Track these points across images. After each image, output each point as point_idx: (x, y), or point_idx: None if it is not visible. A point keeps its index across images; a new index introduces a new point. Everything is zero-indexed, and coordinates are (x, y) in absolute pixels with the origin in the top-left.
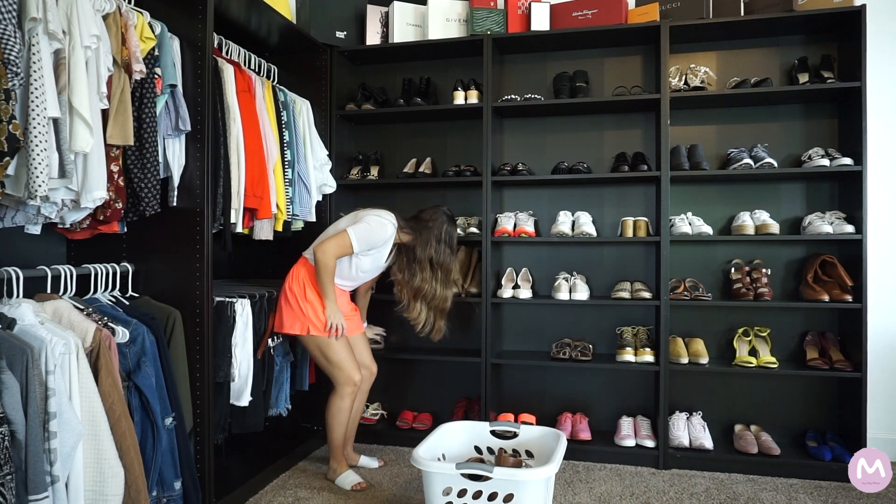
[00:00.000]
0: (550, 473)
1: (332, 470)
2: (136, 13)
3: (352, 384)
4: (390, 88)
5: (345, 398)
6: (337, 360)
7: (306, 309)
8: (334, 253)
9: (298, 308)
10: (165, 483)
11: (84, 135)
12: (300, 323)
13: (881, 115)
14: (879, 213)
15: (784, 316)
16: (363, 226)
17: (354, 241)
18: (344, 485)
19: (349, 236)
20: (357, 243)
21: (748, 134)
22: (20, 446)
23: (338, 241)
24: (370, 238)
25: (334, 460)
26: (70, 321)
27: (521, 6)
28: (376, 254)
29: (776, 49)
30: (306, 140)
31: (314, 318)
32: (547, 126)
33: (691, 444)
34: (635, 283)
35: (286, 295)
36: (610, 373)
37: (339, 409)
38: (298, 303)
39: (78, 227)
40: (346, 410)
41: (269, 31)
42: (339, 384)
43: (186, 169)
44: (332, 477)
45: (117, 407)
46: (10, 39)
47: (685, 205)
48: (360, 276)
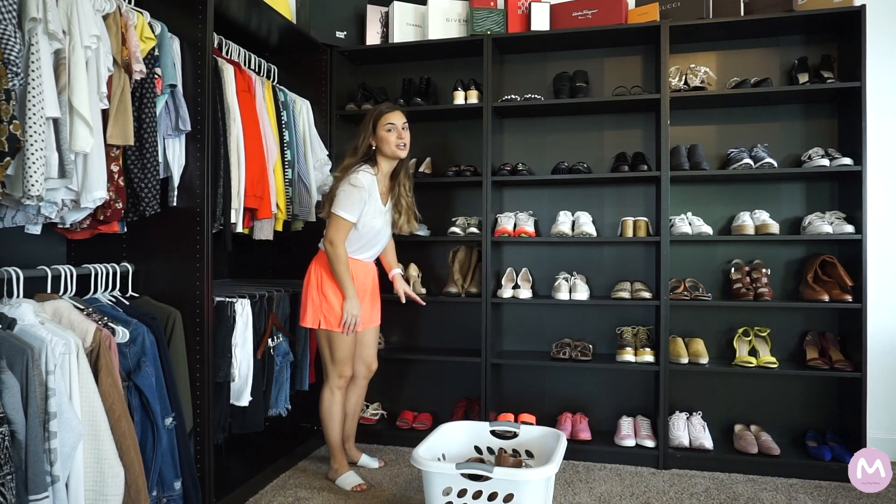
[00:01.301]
0: (550, 473)
1: (333, 470)
2: (136, 13)
3: (343, 378)
4: (390, 88)
5: (335, 392)
6: (339, 355)
7: (320, 302)
8: (339, 239)
9: (313, 300)
10: (165, 483)
11: (84, 135)
12: (313, 316)
13: (881, 115)
14: (879, 213)
15: (784, 316)
16: (341, 197)
17: (346, 214)
18: (344, 485)
19: (339, 216)
20: (348, 214)
21: (748, 134)
22: (20, 446)
23: (334, 227)
24: (352, 201)
25: (334, 460)
26: (70, 321)
27: (521, 6)
28: (374, 204)
29: (776, 49)
30: (306, 140)
31: (327, 312)
32: (547, 126)
33: (691, 444)
34: (635, 283)
35: (304, 288)
36: (610, 373)
37: (332, 403)
38: (314, 295)
39: (78, 227)
40: (338, 404)
41: (269, 31)
42: (331, 377)
43: (186, 169)
44: (333, 477)
45: (117, 407)
46: (11, 39)
47: (685, 205)
48: (377, 235)
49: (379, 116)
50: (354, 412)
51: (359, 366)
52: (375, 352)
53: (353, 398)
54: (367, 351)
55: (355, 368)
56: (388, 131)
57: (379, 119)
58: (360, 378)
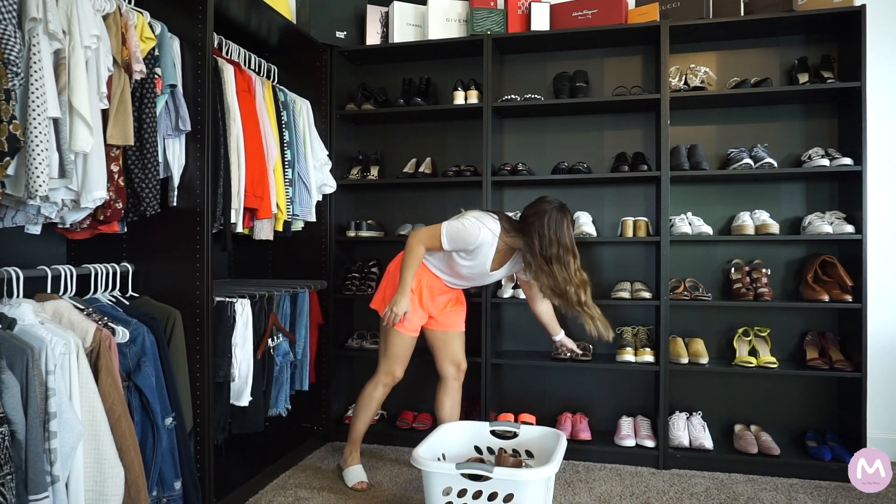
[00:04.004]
0: (550, 473)
1: (344, 459)
2: (136, 13)
3: (390, 377)
4: (390, 88)
5: (378, 387)
6: (393, 351)
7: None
8: (422, 238)
9: (385, 286)
10: (165, 483)
11: (84, 135)
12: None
13: (881, 115)
14: (879, 213)
15: (784, 316)
16: (456, 223)
17: (444, 235)
18: (348, 479)
19: (440, 229)
20: (446, 238)
21: (748, 134)
22: (20, 446)
23: (430, 230)
24: (459, 236)
25: (349, 448)
26: (70, 321)
27: (521, 6)
28: (475, 258)
29: (776, 49)
30: (306, 140)
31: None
32: (547, 126)
33: (691, 444)
34: (635, 283)
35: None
36: (610, 373)
37: (370, 397)
38: (387, 282)
39: (78, 227)
40: (377, 399)
41: (269, 31)
42: (379, 371)
43: (186, 169)
44: (343, 465)
45: (117, 407)
46: (11, 39)
47: (685, 205)
48: (463, 277)
49: (554, 241)
50: (452, 419)
51: (447, 365)
52: (462, 352)
53: (447, 403)
54: (454, 350)
55: (443, 368)
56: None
57: (549, 242)
58: (449, 379)
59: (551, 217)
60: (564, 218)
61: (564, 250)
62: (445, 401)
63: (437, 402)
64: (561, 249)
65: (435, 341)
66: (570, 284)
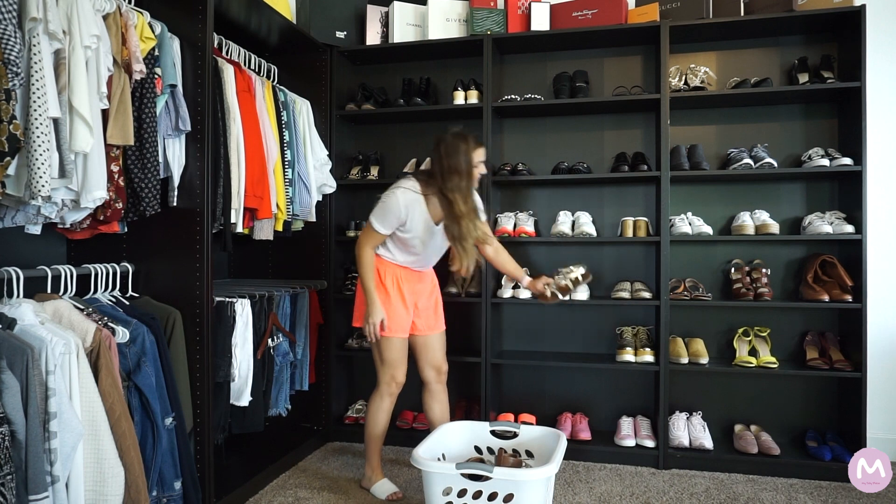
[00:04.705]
0: (550, 473)
1: (367, 478)
2: (136, 13)
3: (393, 384)
4: (390, 88)
5: (384, 398)
6: (386, 357)
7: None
8: (362, 242)
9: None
10: (165, 483)
11: (84, 135)
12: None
13: (881, 115)
14: (879, 213)
15: (784, 316)
16: (377, 206)
17: (374, 222)
18: (379, 494)
19: (371, 223)
20: (377, 223)
21: (748, 134)
22: (20, 446)
23: (364, 232)
24: (385, 214)
25: (369, 467)
26: (70, 321)
27: (521, 6)
28: (415, 222)
29: (776, 49)
30: (306, 140)
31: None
32: (547, 126)
33: (691, 444)
34: (635, 283)
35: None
36: (610, 373)
37: (378, 409)
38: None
39: (78, 227)
40: (385, 411)
41: (269, 31)
42: (380, 382)
43: (186, 169)
44: (367, 485)
45: (117, 407)
46: (11, 39)
47: (685, 205)
48: (425, 249)
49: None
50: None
51: (427, 370)
52: (443, 355)
53: (436, 407)
54: (434, 354)
55: (424, 373)
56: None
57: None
58: (432, 383)
59: (446, 145)
60: (460, 142)
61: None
62: (433, 405)
63: (426, 408)
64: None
65: (415, 346)
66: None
